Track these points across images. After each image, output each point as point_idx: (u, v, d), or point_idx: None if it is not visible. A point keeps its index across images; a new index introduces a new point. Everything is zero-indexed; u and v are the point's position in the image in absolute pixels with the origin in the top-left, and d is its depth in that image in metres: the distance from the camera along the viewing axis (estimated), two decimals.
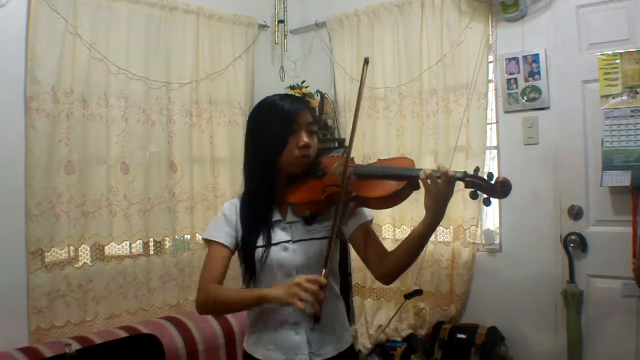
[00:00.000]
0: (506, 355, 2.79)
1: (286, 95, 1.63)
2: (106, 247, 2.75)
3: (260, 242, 1.55)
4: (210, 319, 2.75)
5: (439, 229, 3.01)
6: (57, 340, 2.42)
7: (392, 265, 1.52)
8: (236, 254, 1.62)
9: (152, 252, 2.93)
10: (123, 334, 2.48)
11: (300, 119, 1.53)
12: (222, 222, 1.60)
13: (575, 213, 2.66)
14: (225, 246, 1.56)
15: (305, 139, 1.53)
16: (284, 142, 1.52)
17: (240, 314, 2.79)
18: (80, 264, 2.66)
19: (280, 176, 1.58)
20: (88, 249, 2.70)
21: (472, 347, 2.74)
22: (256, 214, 1.57)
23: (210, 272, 1.56)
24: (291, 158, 1.53)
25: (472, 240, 2.94)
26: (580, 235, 2.64)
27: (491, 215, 3.04)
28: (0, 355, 2.17)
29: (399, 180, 1.47)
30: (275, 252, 1.54)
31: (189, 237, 3.07)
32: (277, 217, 1.58)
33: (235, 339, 2.74)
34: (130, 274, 2.79)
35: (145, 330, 2.53)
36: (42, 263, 2.50)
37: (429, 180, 1.39)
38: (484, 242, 2.97)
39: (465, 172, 1.41)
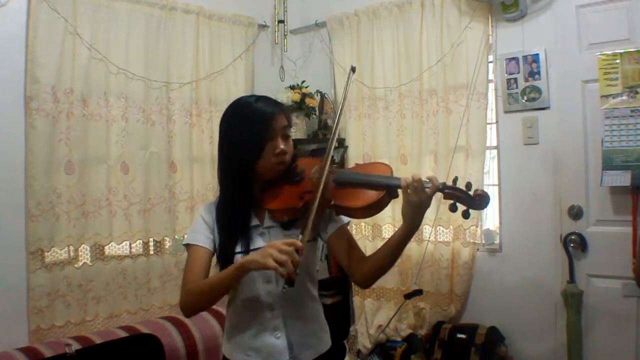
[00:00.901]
0: (506, 355, 2.79)
1: (261, 97, 1.58)
2: (106, 247, 2.75)
3: (239, 248, 1.52)
4: (210, 319, 2.75)
5: (440, 229, 3.02)
6: (57, 340, 2.42)
7: (368, 271, 1.51)
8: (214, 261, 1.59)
9: (152, 252, 2.93)
10: (123, 334, 2.48)
11: (275, 124, 1.50)
12: (201, 225, 1.57)
13: (575, 213, 2.66)
14: (205, 248, 1.53)
15: (281, 145, 1.51)
16: (260, 149, 1.49)
17: None
18: (80, 264, 2.66)
19: (256, 181, 1.55)
20: (88, 249, 2.70)
21: (472, 347, 2.74)
22: (233, 220, 1.54)
23: (191, 275, 1.51)
24: (267, 164, 1.51)
25: (472, 240, 2.94)
26: (580, 235, 2.64)
27: (491, 215, 3.04)
28: (0, 355, 2.17)
29: (378, 189, 1.46)
30: None
31: None
32: (254, 222, 1.56)
33: None
34: (130, 274, 2.79)
35: (145, 330, 2.53)
36: (42, 263, 2.50)
37: (409, 190, 1.39)
38: (484, 242, 2.97)
39: (444, 184, 1.40)
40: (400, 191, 1.43)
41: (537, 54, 2.74)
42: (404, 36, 3.14)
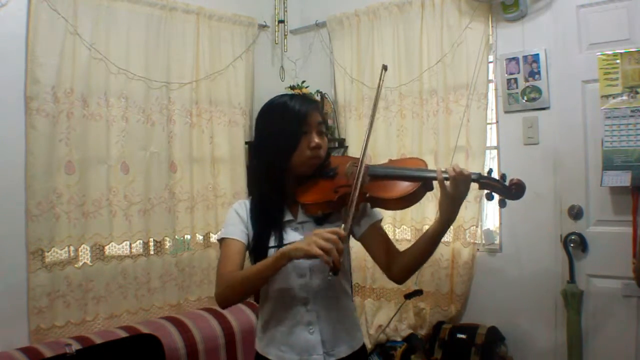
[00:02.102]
0: (506, 355, 2.79)
1: (295, 96, 1.63)
2: (106, 247, 2.75)
3: (272, 243, 1.54)
4: (210, 319, 2.75)
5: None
6: (57, 340, 2.42)
7: (405, 265, 1.53)
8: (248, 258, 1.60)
9: (152, 252, 2.93)
10: (123, 334, 2.48)
11: (310, 119, 1.53)
12: (235, 219, 1.58)
13: (575, 213, 2.66)
14: (240, 241, 1.54)
15: (316, 139, 1.53)
16: (296, 143, 1.51)
17: (242, 316, 2.82)
18: (81, 264, 2.66)
19: (290, 176, 1.57)
20: (88, 249, 2.70)
21: (472, 347, 2.74)
22: (267, 215, 1.56)
23: (226, 267, 1.50)
24: (302, 159, 1.53)
25: (472, 240, 2.93)
26: (580, 235, 2.64)
27: (491, 215, 3.04)
28: (0, 355, 2.17)
29: (414, 181, 1.47)
30: None
31: (189, 237, 3.07)
32: (288, 217, 1.58)
33: (235, 339, 2.74)
34: (130, 274, 2.79)
35: (145, 330, 2.53)
36: (42, 263, 2.50)
37: (445, 181, 1.40)
38: (484, 242, 2.97)
39: (479, 174, 1.42)
40: (435, 183, 1.44)
41: (537, 54, 2.74)
42: (404, 36, 3.14)
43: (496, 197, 1.44)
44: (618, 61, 2.43)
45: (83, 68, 2.63)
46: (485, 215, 3.02)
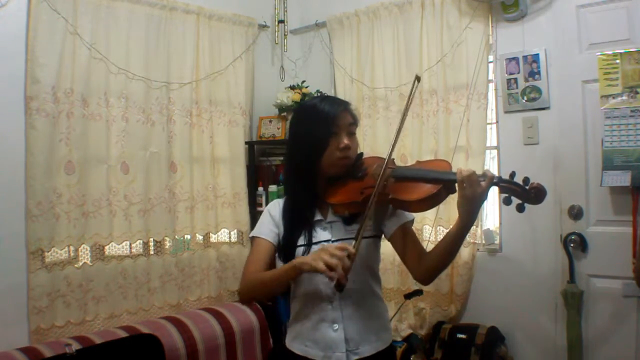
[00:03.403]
0: (506, 355, 2.79)
1: (326, 97, 1.67)
2: (106, 247, 2.75)
3: (301, 241, 1.58)
4: (210, 318, 2.75)
5: (439, 229, 3.01)
6: (57, 340, 2.43)
7: (429, 267, 1.55)
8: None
9: (152, 252, 2.93)
10: (123, 334, 2.48)
11: (340, 121, 1.56)
12: (267, 219, 1.65)
13: (575, 213, 2.66)
14: (268, 241, 1.61)
15: (345, 140, 1.56)
16: (325, 144, 1.55)
17: (242, 316, 2.82)
18: (80, 264, 2.66)
19: (321, 177, 1.61)
20: (88, 249, 2.70)
21: (472, 347, 2.74)
22: (298, 215, 1.61)
23: (252, 264, 1.59)
24: (332, 160, 1.57)
25: (472, 240, 2.93)
26: (580, 235, 2.64)
27: (491, 215, 3.04)
28: (0, 355, 2.17)
29: (435, 183, 1.48)
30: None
31: (189, 237, 3.07)
32: (318, 216, 1.62)
33: (235, 339, 2.75)
34: (130, 274, 2.79)
35: (145, 330, 2.53)
36: (42, 263, 2.50)
37: (464, 183, 1.40)
38: (484, 242, 2.97)
39: (500, 177, 1.42)
40: (457, 185, 1.45)
41: (537, 54, 2.74)
42: (404, 36, 3.14)
43: (515, 201, 1.43)
44: (618, 61, 2.43)
45: (83, 68, 2.63)
46: (485, 215, 3.02)
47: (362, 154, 1.67)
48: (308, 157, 1.57)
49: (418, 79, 1.63)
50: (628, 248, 2.45)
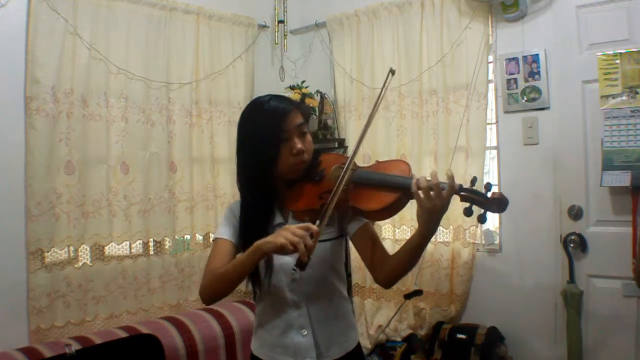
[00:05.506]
0: (506, 355, 2.79)
1: (273, 97, 1.54)
2: (106, 248, 2.75)
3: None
4: (210, 319, 2.75)
5: (439, 229, 3.01)
6: (57, 340, 2.43)
7: (388, 272, 1.49)
8: None
9: (152, 252, 2.93)
10: (123, 334, 2.48)
11: (289, 125, 1.47)
12: (227, 220, 1.57)
13: (575, 213, 2.66)
14: (228, 240, 1.53)
15: (298, 145, 1.47)
16: (277, 152, 1.46)
17: (241, 316, 2.82)
18: (80, 264, 2.66)
19: (281, 182, 1.54)
20: (88, 249, 2.70)
21: (472, 347, 2.74)
22: (252, 221, 1.53)
23: (211, 264, 1.50)
24: (287, 166, 1.49)
25: (472, 241, 2.94)
26: (580, 236, 2.64)
27: (491, 215, 3.03)
28: (0, 355, 2.17)
29: (395, 191, 1.40)
30: (279, 257, 1.48)
31: (188, 237, 3.07)
32: (278, 220, 1.55)
33: (235, 340, 2.74)
34: (130, 274, 2.79)
35: (145, 330, 2.53)
36: (42, 263, 2.50)
37: (420, 192, 1.32)
38: (483, 242, 2.97)
39: (460, 185, 1.32)
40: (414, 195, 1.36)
41: (537, 54, 2.74)
42: (403, 36, 3.14)
43: (477, 211, 1.34)
44: (618, 61, 2.44)
45: (83, 68, 2.63)
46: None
47: (319, 151, 1.57)
48: (260, 165, 1.48)
49: (392, 72, 1.56)
50: (628, 248, 2.45)
